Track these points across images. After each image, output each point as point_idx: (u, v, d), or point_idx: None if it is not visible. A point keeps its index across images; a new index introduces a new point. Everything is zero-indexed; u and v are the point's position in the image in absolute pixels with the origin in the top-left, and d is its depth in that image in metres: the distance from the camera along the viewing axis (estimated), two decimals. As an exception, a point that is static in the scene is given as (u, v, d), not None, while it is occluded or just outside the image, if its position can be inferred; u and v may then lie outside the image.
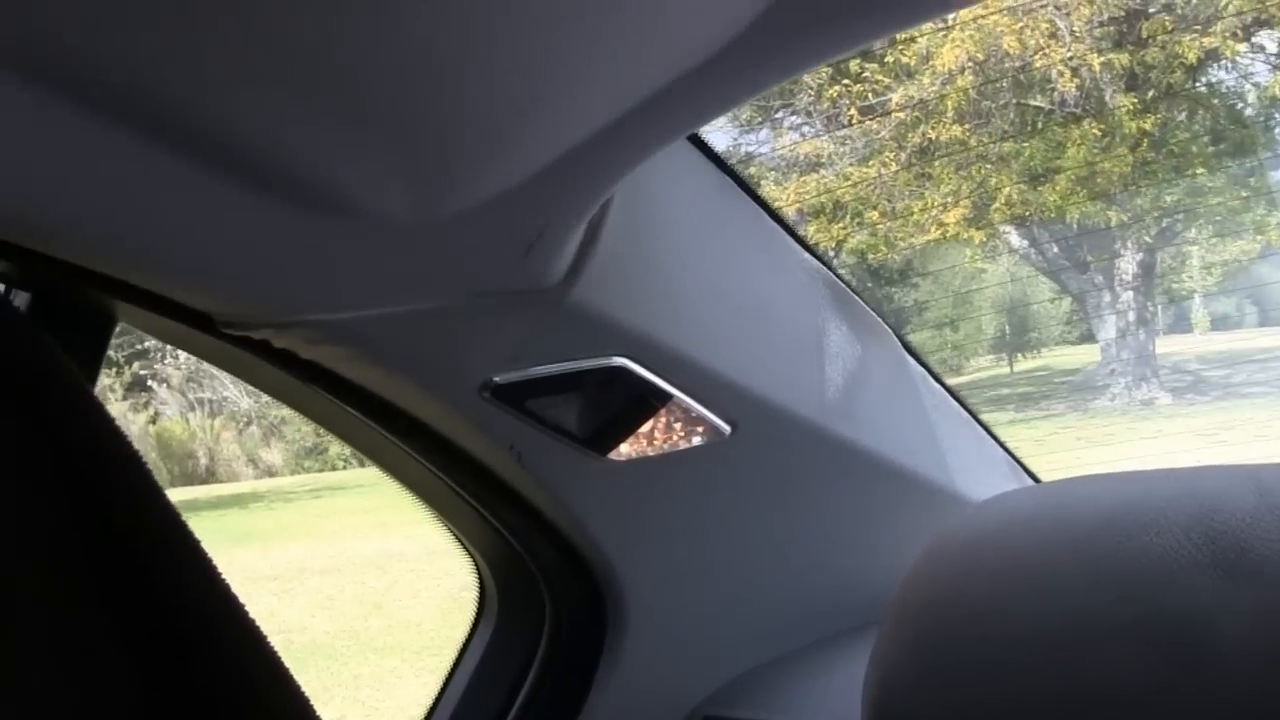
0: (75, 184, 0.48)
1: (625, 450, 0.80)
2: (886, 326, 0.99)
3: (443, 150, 0.52)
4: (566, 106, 0.53)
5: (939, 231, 9.11)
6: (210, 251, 0.56)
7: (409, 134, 0.49)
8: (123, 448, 0.47)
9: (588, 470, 0.80)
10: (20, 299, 0.60)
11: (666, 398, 0.79)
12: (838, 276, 0.92)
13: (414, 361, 0.70)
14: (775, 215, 0.87)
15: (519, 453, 0.77)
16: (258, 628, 0.47)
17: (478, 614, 0.95)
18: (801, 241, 0.89)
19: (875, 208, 9.33)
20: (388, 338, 0.67)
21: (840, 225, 9.32)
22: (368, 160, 0.51)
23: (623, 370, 0.76)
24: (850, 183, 9.26)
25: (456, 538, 0.93)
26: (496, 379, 0.73)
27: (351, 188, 0.52)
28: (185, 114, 0.45)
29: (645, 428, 0.80)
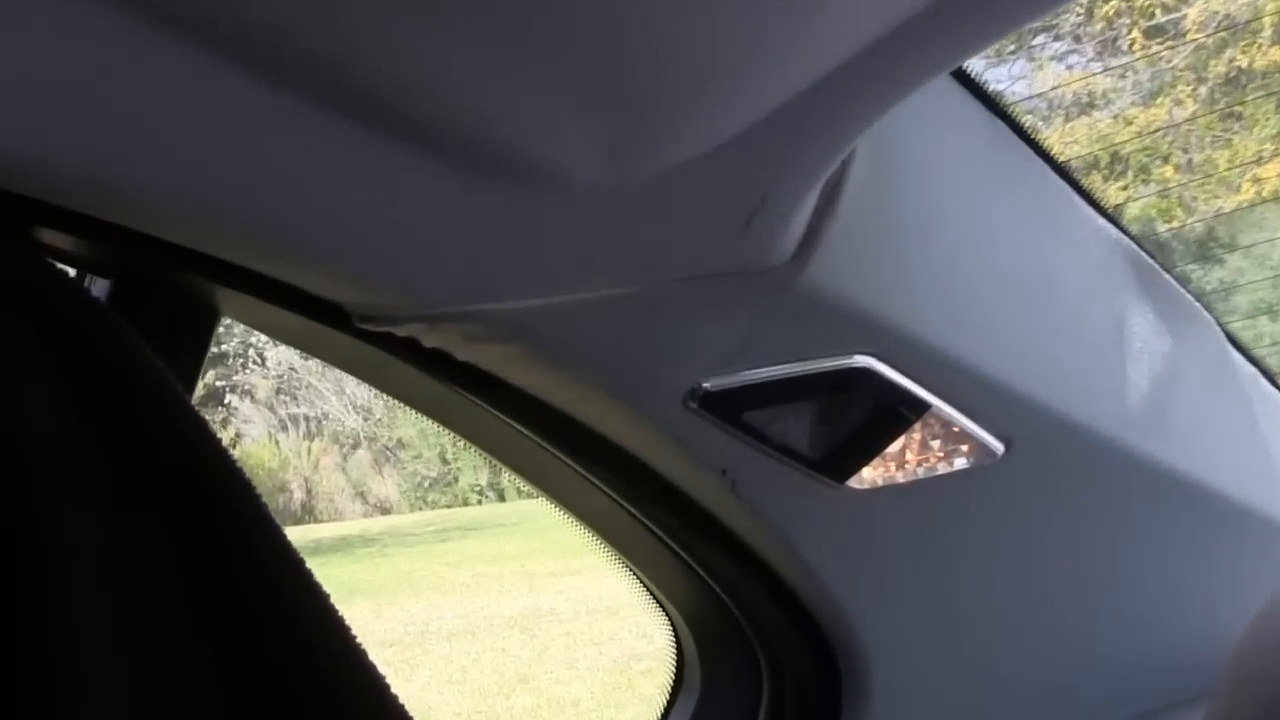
0: (175, 141, 0.50)
1: (869, 476, 0.82)
2: (1208, 315, 0.98)
3: (642, 95, 0.53)
4: (796, 37, 0.53)
5: (1253, 190, 8.72)
6: (353, 227, 0.58)
7: (599, 73, 0.51)
8: (222, 461, 0.51)
9: (820, 501, 0.82)
10: (99, 286, 0.63)
11: (923, 408, 0.80)
12: (1146, 252, 0.91)
13: (601, 363, 0.72)
14: (1064, 172, 0.87)
15: (733, 479, 0.79)
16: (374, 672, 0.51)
17: (675, 685, 0.97)
18: (1097, 206, 0.89)
19: (1167, 160, 8.99)
20: (569, 333, 0.69)
21: (1120, 184, 9.02)
22: (550, 110, 0.52)
23: (867, 372, 0.78)
24: (1133, 128, 8.93)
25: (647, 588, 0.95)
26: (706, 385, 0.75)
27: (530, 146, 0.54)
28: (325, 53, 0.47)
29: (895, 447, 0.81)
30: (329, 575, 0.55)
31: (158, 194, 0.52)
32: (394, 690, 0.53)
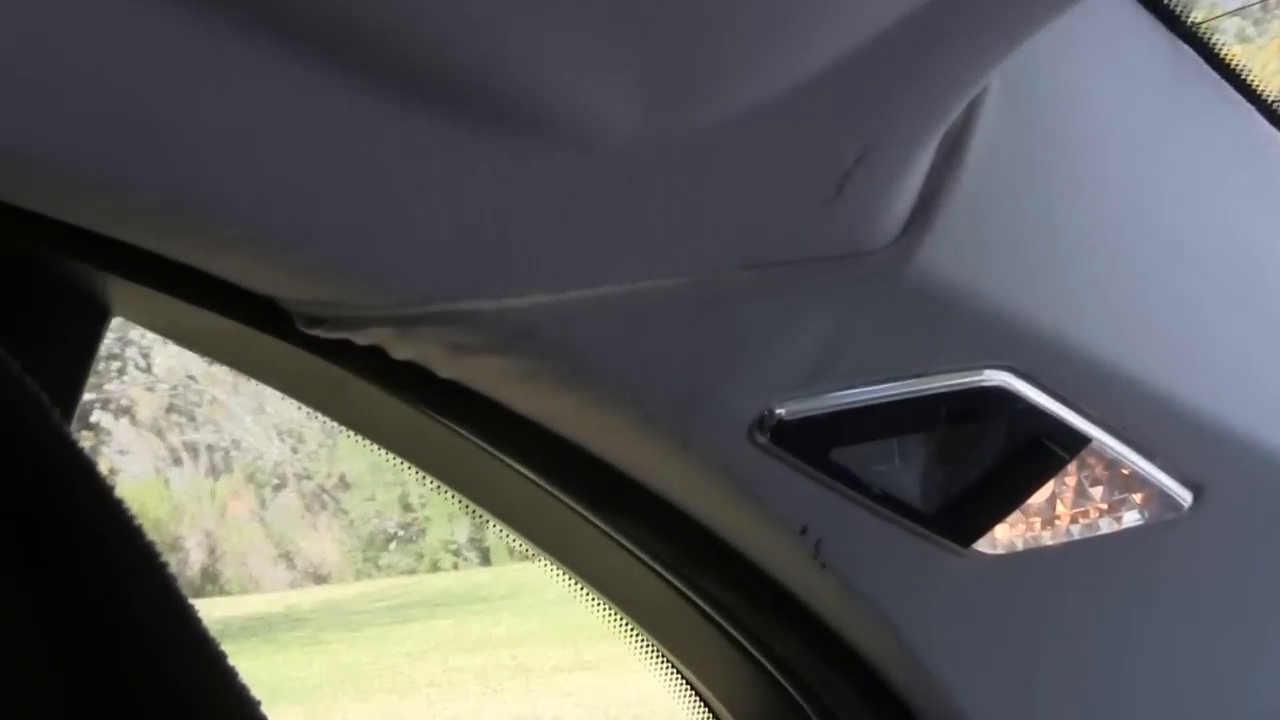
0: (56, 76, 0.51)
1: (1004, 537, 0.83)
2: None
3: (690, 18, 0.55)
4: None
5: None
6: (300, 196, 0.59)
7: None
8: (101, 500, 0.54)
9: (936, 571, 0.83)
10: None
11: (1079, 442, 0.81)
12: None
13: (636, 382, 0.74)
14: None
15: (816, 539, 0.81)
16: None
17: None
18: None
19: None
20: (592, 341, 0.71)
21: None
22: (568, 41, 0.54)
23: (1002, 394, 0.79)
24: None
25: (691, 686, 0.97)
26: (780, 411, 0.77)
27: (542, 88, 0.57)
28: None
29: (1040, 497, 0.82)
30: (241, 671, 0.57)
31: (30, 152, 0.53)
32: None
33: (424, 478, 0.88)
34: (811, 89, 0.61)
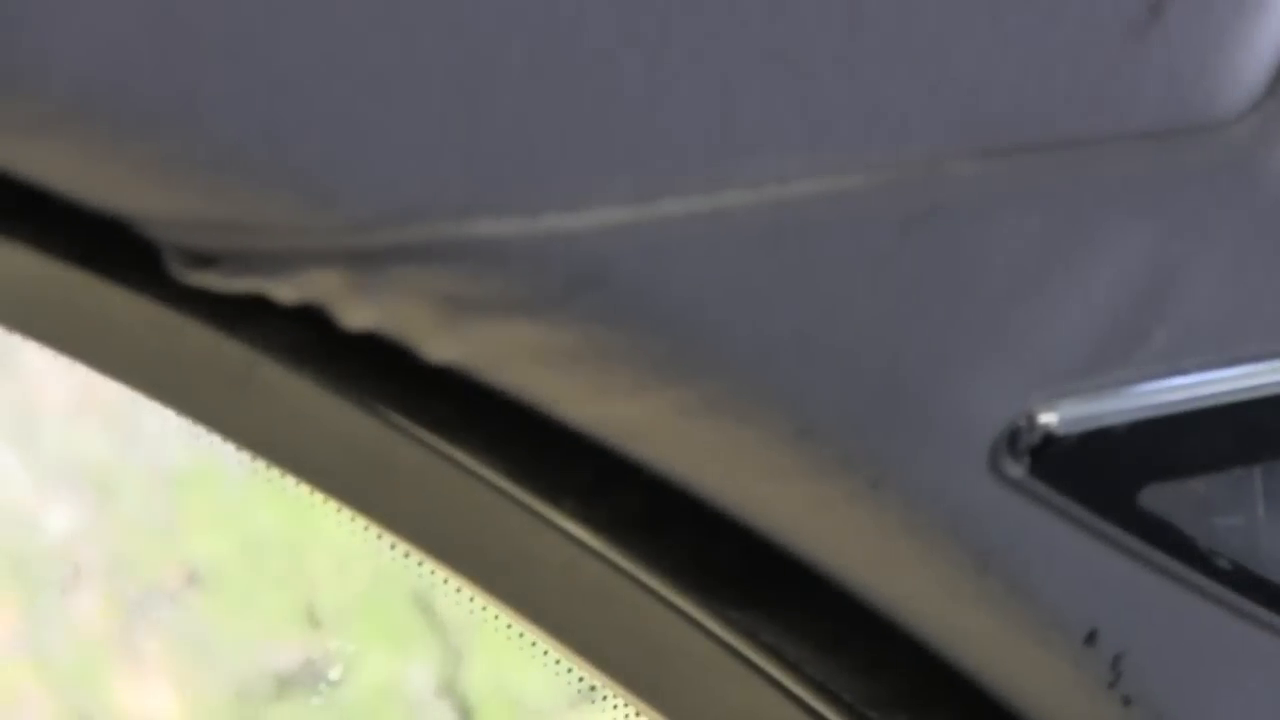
0: None
1: None
2: None
3: None
4: None
5: None
6: (188, 36, 0.50)
7: None
8: None
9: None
10: None
11: None
12: None
13: (789, 362, 0.61)
14: None
15: (1115, 653, 0.67)
16: None
17: None
18: None
19: None
20: (714, 288, 0.59)
21: None
22: None
23: None
24: None
25: None
26: (1048, 418, 0.62)
27: None
28: None
29: None
30: None
31: None
32: None
33: (386, 544, 0.76)
34: None
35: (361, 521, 0.76)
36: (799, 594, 0.71)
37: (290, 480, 0.76)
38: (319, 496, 0.78)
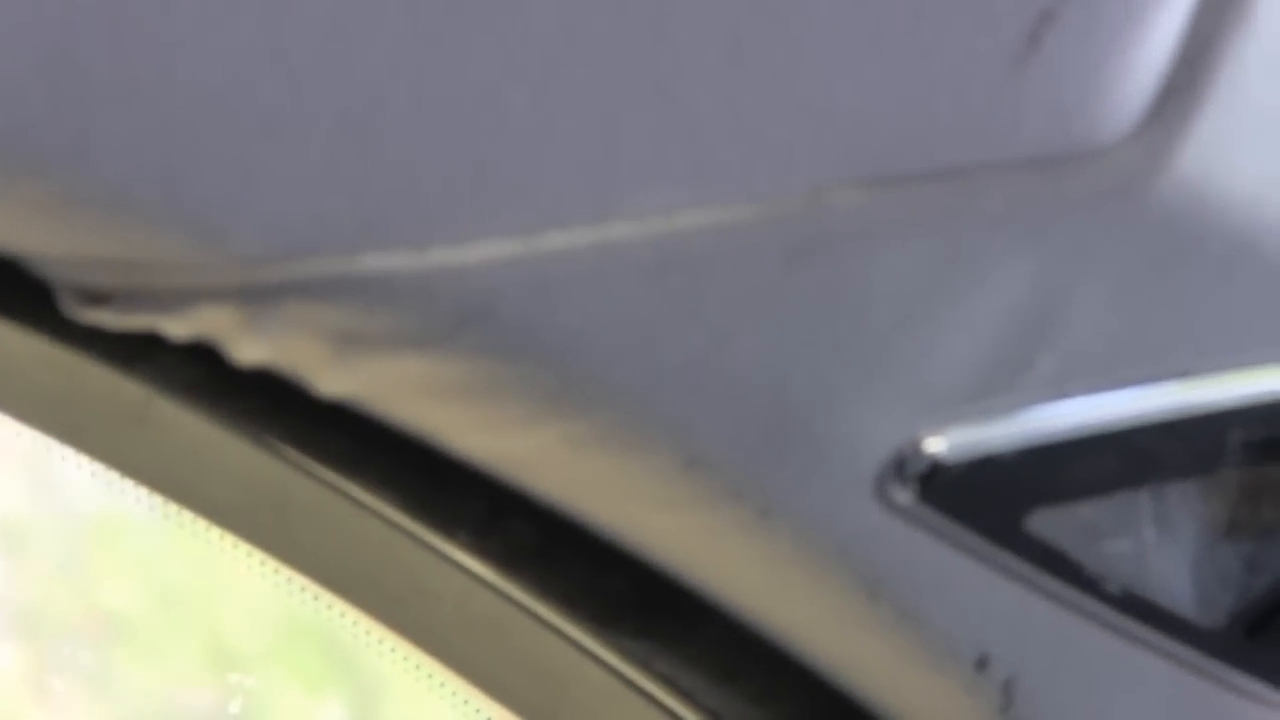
0: None
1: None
2: None
3: None
4: None
5: None
6: (79, 66, 0.51)
7: None
8: None
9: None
10: None
11: None
12: None
13: (677, 393, 0.63)
14: None
15: (1004, 677, 0.69)
16: None
17: None
18: None
19: None
20: (600, 320, 0.60)
21: None
22: None
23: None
24: None
25: None
26: (935, 445, 0.64)
27: None
28: None
29: None
30: None
31: None
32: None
33: (296, 587, 0.78)
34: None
35: (273, 565, 0.78)
36: (693, 623, 0.72)
37: (196, 522, 0.79)
38: (229, 541, 0.80)
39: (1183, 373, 0.66)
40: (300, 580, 0.78)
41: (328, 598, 0.78)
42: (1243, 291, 0.66)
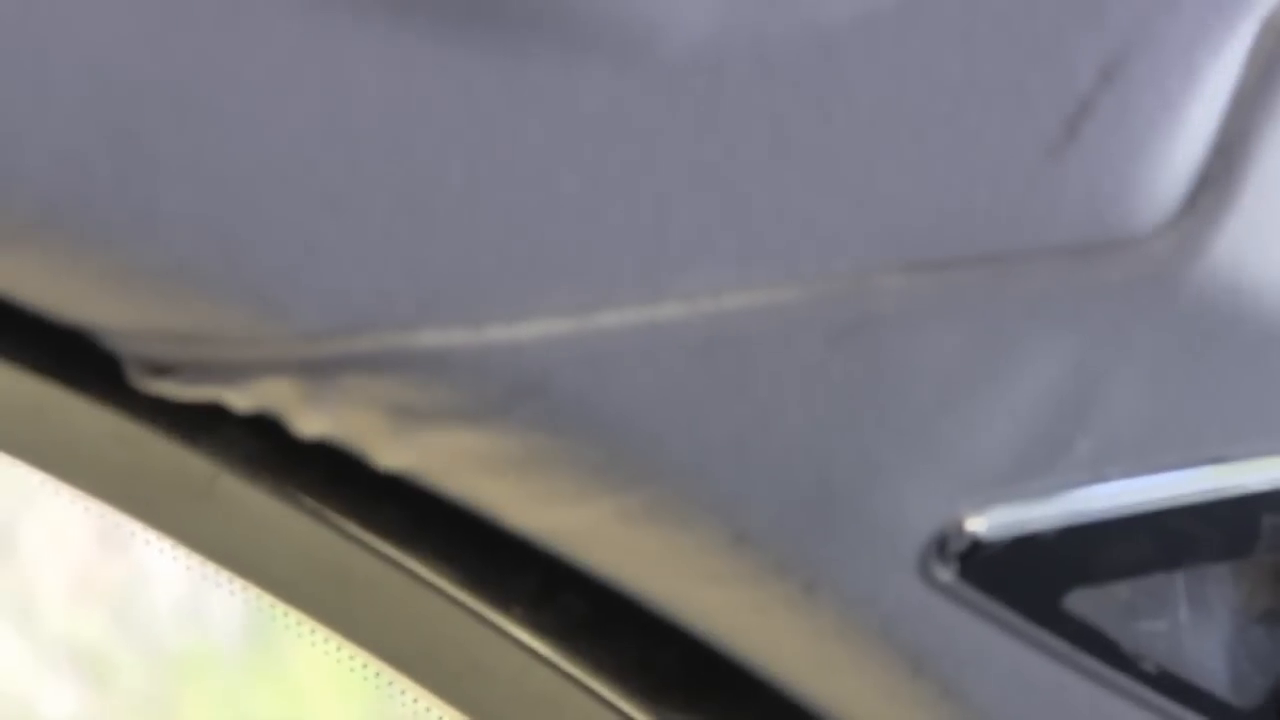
0: None
1: None
2: None
3: None
4: None
5: None
6: (145, 147, 0.53)
7: None
8: None
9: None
10: None
11: None
12: None
13: (723, 470, 0.63)
14: None
15: None
16: None
17: None
18: None
19: None
20: (649, 398, 0.61)
21: None
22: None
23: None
24: None
25: None
26: (975, 525, 0.65)
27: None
28: None
29: None
30: None
31: None
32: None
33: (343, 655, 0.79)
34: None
35: (335, 643, 0.78)
36: (741, 697, 0.74)
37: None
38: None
39: (1217, 457, 0.67)
40: (361, 656, 0.78)
41: (389, 674, 0.78)
42: (1275, 377, 0.68)
